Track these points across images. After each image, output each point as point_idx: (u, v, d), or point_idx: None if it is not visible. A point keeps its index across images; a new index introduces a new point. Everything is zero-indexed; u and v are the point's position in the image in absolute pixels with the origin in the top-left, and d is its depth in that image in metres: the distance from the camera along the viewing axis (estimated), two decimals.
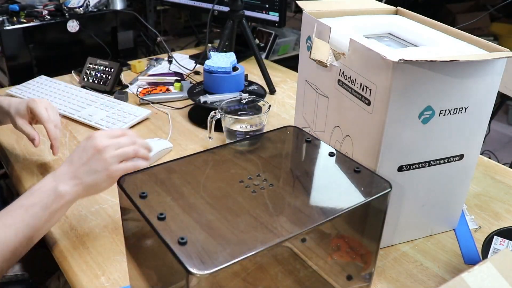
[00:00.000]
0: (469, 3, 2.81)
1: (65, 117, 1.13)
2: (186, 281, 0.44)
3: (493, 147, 2.23)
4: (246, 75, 1.22)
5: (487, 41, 0.67)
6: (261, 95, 1.14)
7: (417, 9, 0.83)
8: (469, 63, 0.62)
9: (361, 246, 0.64)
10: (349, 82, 0.69)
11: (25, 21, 1.56)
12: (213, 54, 1.13)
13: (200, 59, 1.47)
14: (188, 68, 1.44)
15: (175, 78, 1.37)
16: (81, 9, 1.64)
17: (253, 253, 0.46)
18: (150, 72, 1.44)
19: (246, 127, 0.96)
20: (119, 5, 1.80)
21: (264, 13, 1.43)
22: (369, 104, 0.65)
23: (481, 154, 0.97)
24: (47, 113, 0.87)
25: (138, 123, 1.12)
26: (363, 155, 0.68)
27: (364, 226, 0.62)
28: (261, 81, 1.31)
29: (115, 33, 1.79)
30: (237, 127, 0.96)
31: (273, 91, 1.33)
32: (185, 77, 1.40)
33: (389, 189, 0.57)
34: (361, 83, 0.66)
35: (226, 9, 1.38)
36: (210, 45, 1.62)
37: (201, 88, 1.14)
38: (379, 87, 0.62)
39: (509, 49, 0.63)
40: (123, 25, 1.80)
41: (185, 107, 1.21)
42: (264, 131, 0.97)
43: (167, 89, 1.29)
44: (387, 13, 0.83)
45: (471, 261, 0.73)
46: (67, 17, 1.62)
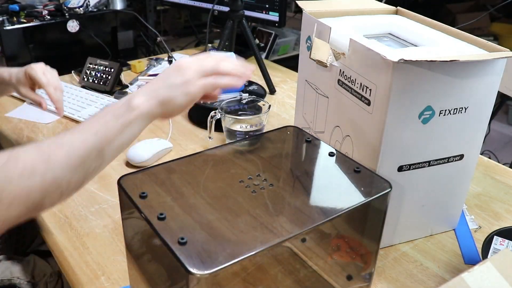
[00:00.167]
0: (469, 3, 2.81)
1: (65, 117, 1.13)
2: (186, 281, 0.44)
3: (493, 147, 2.23)
4: None
5: (487, 41, 0.67)
6: (261, 95, 1.14)
7: (417, 9, 0.83)
8: (469, 63, 0.62)
9: (361, 246, 0.64)
10: (349, 82, 0.69)
11: (25, 21, 1.56)
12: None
13: None
14: None
15: None
16: (81, 9, 1.64)
17: (253, 253, 0.46)
18: (150, 72, 1.44)
19: (246, 127, 0.96)
20: (119, 5, 1.80)
21: (264, 13, 1.43)
22: (369, 104, 0.65)
23: (481, 154, 0.97)
24: (45, 77, 0.88)
25: None
26: (363, 155, 0.68)
27: (364, 226, 0.62)
28: (261, 81, 1.31)
29: (115, 33, 1.79)
30: (237, 127, 0.96)
31: (273, 91, 1.33)
32: None
33: (389, 189, 0.57)
34: (361, 83, 0.66)
35: (226, 9, 1.38)
36: (210, 45, 1.62)
37: None
38: (379, 87, 0.62)
39: (509, 49, 0.63)
40: (123, 25, 1.80)
41: None
42: (264, 131, 0.97)
43: None
44: (387, 13, 0.83)
45: (471, 261, 0.73)
46: (67, 17, 1.62)
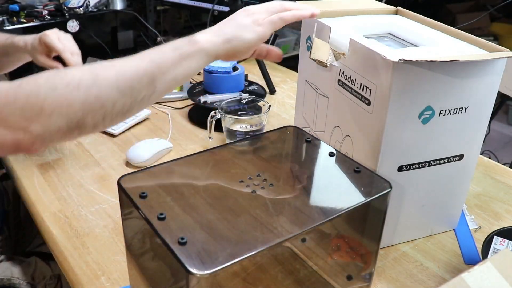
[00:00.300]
0: (469, 3, 2.82)
1: None
2: (186, 281, 0.44)
3: (493, 147, 2.23)
4: (246, 75, 1.22)
5: (487, 41, 0.67)
6: (261, 95, 1.14)
7: (417, 9, 0.83)
8: (469, 63, 0.62)
9: (361, 246, 0.64)
10: (349, 82, 0.69)
11: (25, 21, 1.56)
12: None
13: None
14: None
15: None
16: (81, 9, 1.64)
17: (253, 253, 0.46)
18: None
19: (246, 127, 0.96)
20: (119, 5, 1.79)
21: None
22: (369, 104, 0.65)
23: (481, 154, 0.97)
24: (61, 43, 0.87)
25: (138, 123, 1.12)
26: (363, 155, 0.68)
27: (364, 226, 0.62)
28: (261, 81, 1.31)
29: (115, 33, 1.79)
30: (237, 127, 0.96)
31: (273, 91, 1.33)
32: None
33: (389, 189, 0.57)
34: (361, 83, 0.66)
35: (226, 9, 1.38)
36: None
37: (201, 88, 1.15)
38: (379, 87, 0.62)
39: (509, 49, 0.63)
40: (123, 25, 1.80)
41: (185, 107, 1.21)
42: (264, 131, 0.97)
43: None
44: (387, 13, 0.83)
45: (471, 261, 0.73)
46: (67, 17, 1.62)
